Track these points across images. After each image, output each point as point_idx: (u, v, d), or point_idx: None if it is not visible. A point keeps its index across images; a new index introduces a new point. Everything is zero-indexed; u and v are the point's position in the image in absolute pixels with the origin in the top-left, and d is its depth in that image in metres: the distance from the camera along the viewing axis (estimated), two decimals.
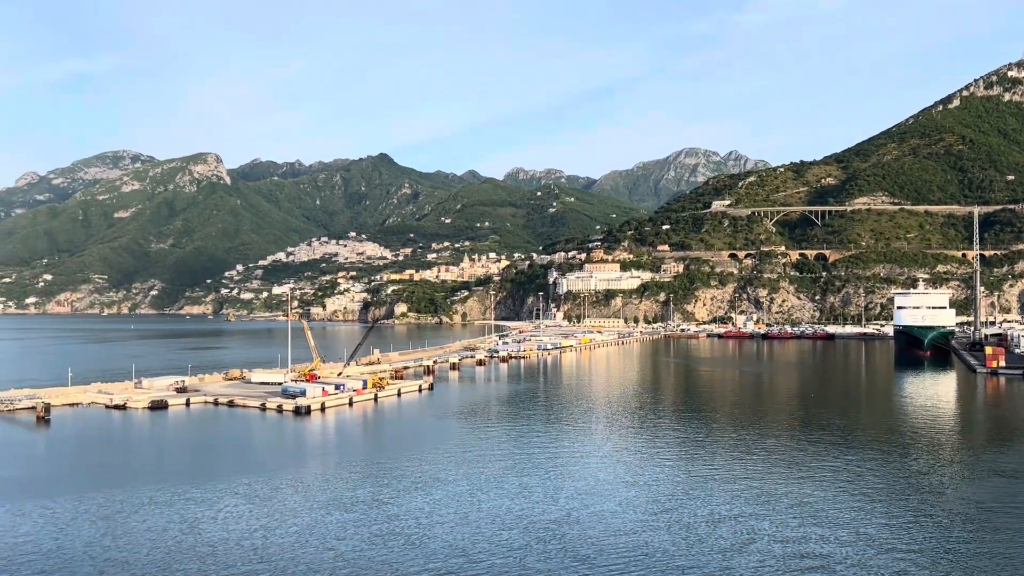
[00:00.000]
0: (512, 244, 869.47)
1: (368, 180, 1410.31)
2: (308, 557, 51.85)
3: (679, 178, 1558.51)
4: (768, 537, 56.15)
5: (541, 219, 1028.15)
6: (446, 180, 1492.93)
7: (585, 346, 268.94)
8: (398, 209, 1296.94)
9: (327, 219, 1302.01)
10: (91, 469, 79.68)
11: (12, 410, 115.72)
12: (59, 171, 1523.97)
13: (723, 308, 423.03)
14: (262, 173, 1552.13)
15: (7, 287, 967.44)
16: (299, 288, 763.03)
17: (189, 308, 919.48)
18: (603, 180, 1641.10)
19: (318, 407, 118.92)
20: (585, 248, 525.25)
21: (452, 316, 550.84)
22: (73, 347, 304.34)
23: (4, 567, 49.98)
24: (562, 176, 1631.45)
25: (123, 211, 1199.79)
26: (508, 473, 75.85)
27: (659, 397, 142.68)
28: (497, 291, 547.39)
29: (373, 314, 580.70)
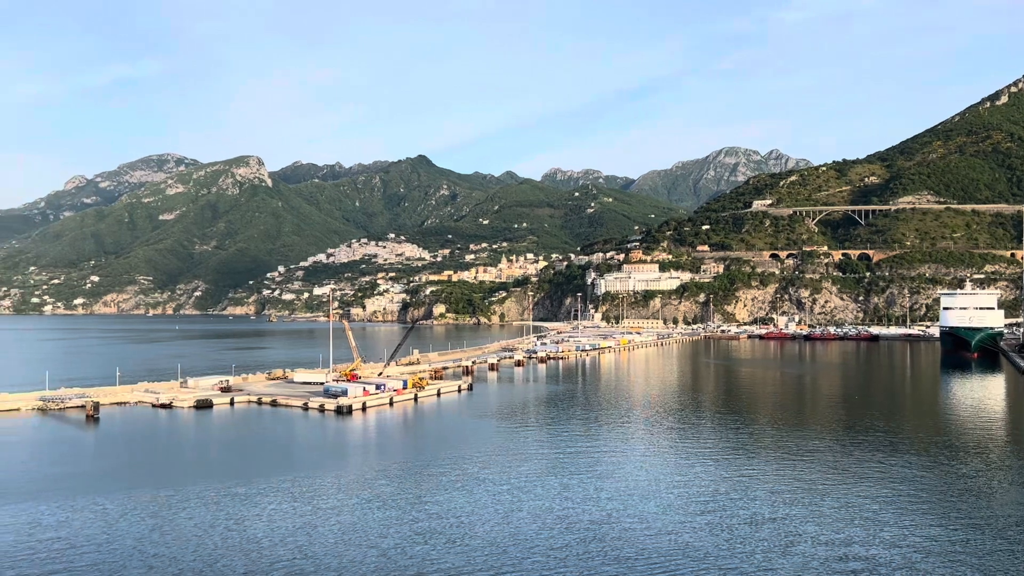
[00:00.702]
0: (550, 245, 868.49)
1: (407, 182, 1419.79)
2: (352, 554, 52.53)
3: (719, 178, 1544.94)
4: (811, 539, 55.60)
5: (579, 220, 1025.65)
6: (484, 181, 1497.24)
7: (624, 347, 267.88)
8: (436, 210, 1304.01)
9: (366, 220, 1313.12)
10: (139, 467, 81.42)
11: (63, 408, 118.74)
12: (106, 174, 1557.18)
13: (764, 309, 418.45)
14: (303, 175, 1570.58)
15: (56, 288, 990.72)
16: (339, 289, 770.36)
17: (232, 309, 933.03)
18: (641, 180, 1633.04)
19: (359, 407, 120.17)
20: (623, 248, 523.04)
21: (490, 317, 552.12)
22: (120, 347, 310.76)
23: (58, 561, 51.37)
24: (600, 176, 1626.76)
25: (168, 213, 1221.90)
26: (548, 473, 76.02)
27: (699, 398, 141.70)
28: (535, 292, 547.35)
29: (412, 315, 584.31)
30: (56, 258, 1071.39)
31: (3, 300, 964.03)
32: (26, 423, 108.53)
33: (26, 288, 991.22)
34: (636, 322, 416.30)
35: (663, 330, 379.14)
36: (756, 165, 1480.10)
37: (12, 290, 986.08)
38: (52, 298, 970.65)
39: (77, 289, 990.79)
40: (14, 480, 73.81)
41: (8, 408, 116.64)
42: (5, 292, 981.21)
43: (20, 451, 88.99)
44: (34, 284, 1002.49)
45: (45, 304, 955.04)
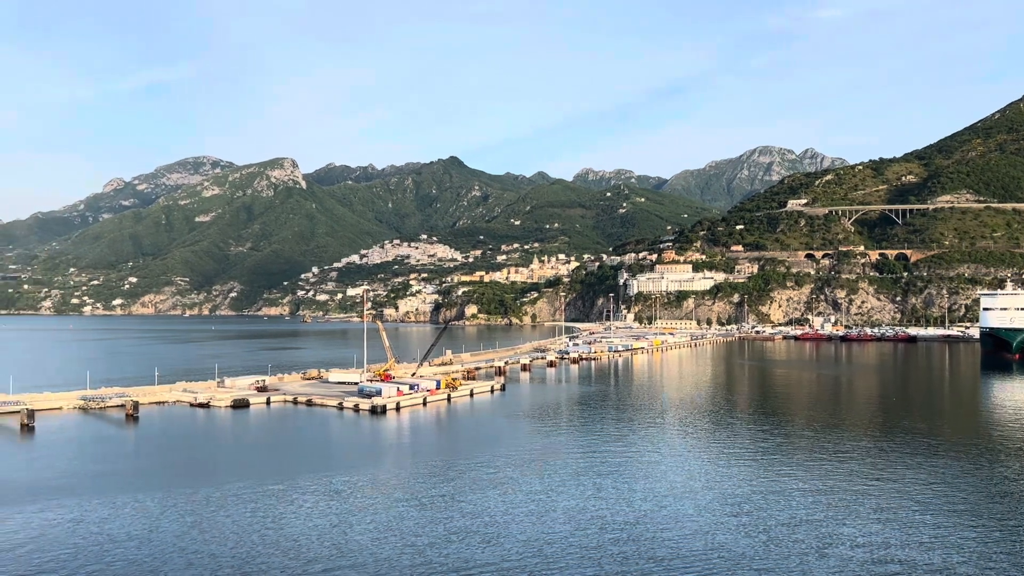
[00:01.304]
0: (581, 245, 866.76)
1: (439, 183, 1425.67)
2: (387, 552, 52.98)
3: (753, 177, 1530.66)
4: (848, 542, 55.06)
5: (611, 220, 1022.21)
6: (515, 182, 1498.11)
7: (657, 348, 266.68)
8: (468, 211, 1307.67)
9: (399, 222, 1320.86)
10: (178, 465, 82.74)
11: (103, 407, 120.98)
12: (143, 177, 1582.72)
13: (799, 309, 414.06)
14: (336, 177, 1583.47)
15: (95, 289, 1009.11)
16: (372, 290, 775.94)
17: (267, 309, 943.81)
18: (674, 180, 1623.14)
19: (393, 406, 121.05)
20: (656, 249, 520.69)
21: (522, 317, 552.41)
22: (158, 347, 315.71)
23: (101, 556, 52.43)
24: (632, 176, 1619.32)
25: (204, 215, 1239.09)
26: (582, 474, 76.04)
27: (734, 400, 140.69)
28: (566, 292, 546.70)
29: (444, 315, 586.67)
30: (95, 259, 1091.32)
31: (44, 301, 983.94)
32: (68, 421, 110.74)
33: (66, 289, 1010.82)
34: (669, 323, 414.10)
35: (697, 331, 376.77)
36: (791, 164, 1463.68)
37: (53, 291, 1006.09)
38: (91, 299, 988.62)
39: (116, 290, 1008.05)
40: (59, 477, 75.42)
41: (51, 407, 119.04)
42: (46, 293, 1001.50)
43: (63, 449, 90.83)
44: (74, 285, 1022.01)
45: (85, 305, 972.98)
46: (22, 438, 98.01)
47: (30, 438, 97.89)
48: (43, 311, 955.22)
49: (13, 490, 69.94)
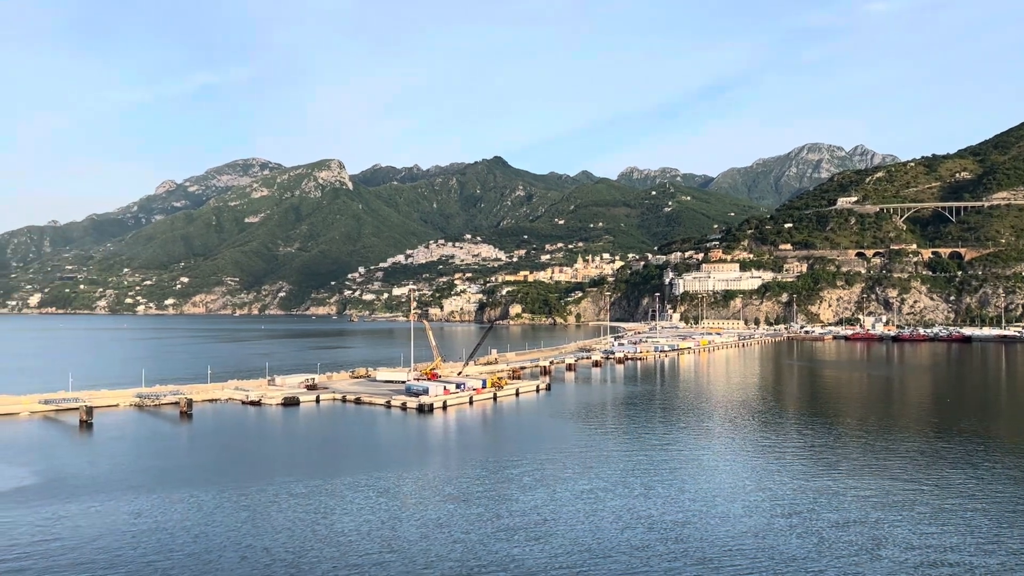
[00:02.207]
0: (626, 244, 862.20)
1: (483, 183, 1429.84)
2: (437, 549, 53.61)
3: (801, 175, 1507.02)
4: (902, 544, 54.27)
5: (656, 219, 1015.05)
6: (559, 181, 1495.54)
7: (704, 348, 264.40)
8: (512, 211, 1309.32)
9: (443, 222, 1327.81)
10: (231, 462, 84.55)
11: (158, 405, 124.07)
12: (194, 179, 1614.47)
13: (850, 309, 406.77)
14: (382, 178, 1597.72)
15: (148, 289, 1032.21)
16: (417, 289, 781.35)
17: (315, 309, 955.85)
18: (720, 178, 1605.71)
19: (440, 405, 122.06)
20: (702, 248, 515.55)
21: (566, 317, 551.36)
22: (209, 346, 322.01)
23: (159, 549, 53.91)
24: (677, 175, 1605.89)
25: (253, 216, 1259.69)
26: (629, 474, 75.98)
27: (782, 400, 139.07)
28: (611, 292, 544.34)
29: (488, 315, 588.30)
30: (148, 260, 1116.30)
31: (99, 300, 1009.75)
32: (125, 418, 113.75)
33: (120, 289, 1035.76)
34: (716, 323, 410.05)
35: (744, 331, 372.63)
36: (840, 161, 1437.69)
37: (107, 291, 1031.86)
38: (144, 299, 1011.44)
39: (168, 290, 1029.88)
40: (117, 473, 77.63)
41: (108, 404, 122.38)
42: (101, 293, 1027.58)
43: (121, 446, 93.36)
44: (128, 285, 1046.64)
45: (138, 304, 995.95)
46: (81, 434, 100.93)
47: (89, 434, 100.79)
48: (98, 310, 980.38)
49: (75, 484, 72.21)
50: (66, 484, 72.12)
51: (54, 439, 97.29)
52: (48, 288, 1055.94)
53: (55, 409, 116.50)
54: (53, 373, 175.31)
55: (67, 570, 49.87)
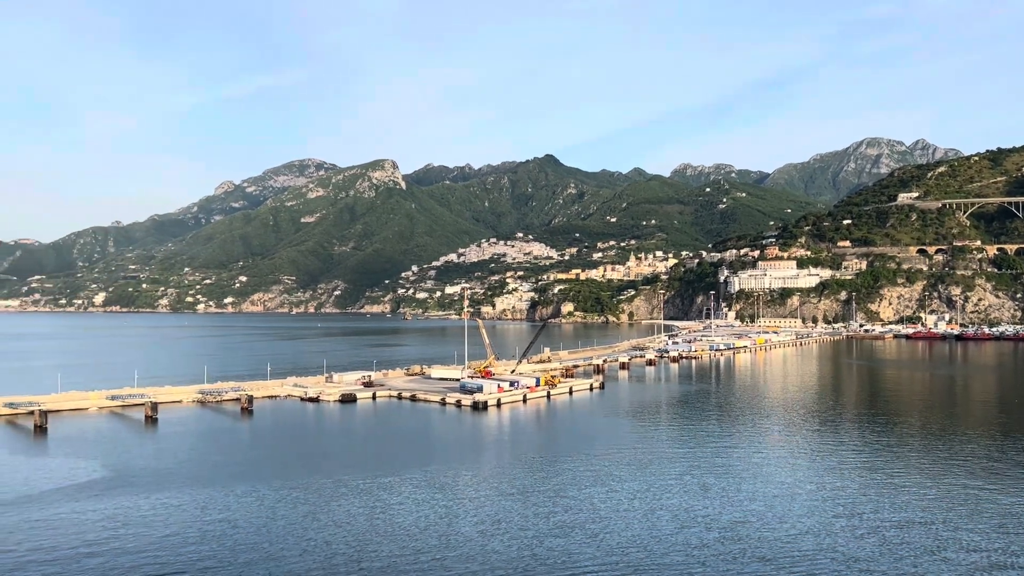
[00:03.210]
0: (679, 242, 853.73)
1: (534, 181, 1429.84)
2: (494, 545, 54.03)
3: (860, 170, 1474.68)
4: (965, 546, 53.07)
5: (710, 216, 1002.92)
6: (611, 179, 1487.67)
7: (760, 347, 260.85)
8: (564, 209, 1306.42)
9: (495, 220, 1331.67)
10: (291, 457, 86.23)
11: (220, 401, 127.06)
12: (252, 180, 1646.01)
13: (911, 307, 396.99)
14: (434, 177, 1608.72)
15: (208, 288, 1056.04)
16: (469, 288, 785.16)
17: (369, 307, 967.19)
18: (776, 174, 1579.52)
19: (494, 403, 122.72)
20: (758, 245, 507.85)
21: (618, 315, 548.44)
22: (268, 344, 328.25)
23: (224, 541, 55.34)
24: (732, 171, 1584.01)
25: (309, 216, 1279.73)
26: (685, 473, 75.55)
27: (841, 400, 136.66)
28: (665, 290, 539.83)
29: (540, 313, 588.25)
30: (208, 259, 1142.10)
31: (161, 299, 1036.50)
32: (188, 414, 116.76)
33: (181, 288, 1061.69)
34: (772, 321, 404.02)
35: (802, 329, 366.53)
36: (900, 156, 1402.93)
37: (169, 290, 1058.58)
38: (205, 297, 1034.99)
39: (227, 288, 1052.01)
40: (182, 467, 79.83)
41: (172, 400, 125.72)
42: (163, 291, 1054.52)
43: (184, 441, 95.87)
44: (188, 284, 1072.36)
45: (198, 303, 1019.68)
46: (147, 429, 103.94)
47: (154, 429, 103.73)
48: (160, 309, 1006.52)
49: (142, 478, 74.50)
50: (134, 477, 74.43)
51: (121, 434, 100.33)
52: (112, 287, 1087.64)
53: (122, 405, 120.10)
54: (119, 370, 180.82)
55: (137, 559, 51.52)
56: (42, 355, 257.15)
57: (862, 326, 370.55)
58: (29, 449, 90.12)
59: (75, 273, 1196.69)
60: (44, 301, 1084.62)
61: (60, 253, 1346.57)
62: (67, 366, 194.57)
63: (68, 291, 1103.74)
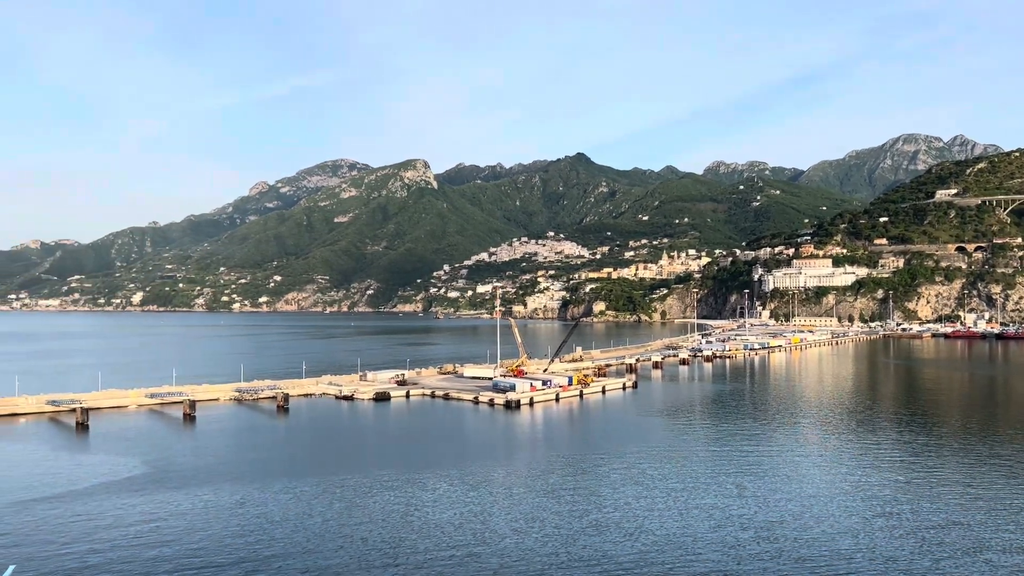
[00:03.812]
0: (712, 240, 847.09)
1: (566, 180, 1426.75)
2: (529, 543, 54.21)
3: (896, 166, 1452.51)
4: (1005, 547, 52.19)
5: (743, 213, 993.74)
6: (643, 177, 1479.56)
7: (795, 346, 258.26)
8: (595, 208, 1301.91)
9: (526, 219, 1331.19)
10: (327, 454, 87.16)
11: (256, 399, 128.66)
12: (285, 180, 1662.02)
13: (949, 306, 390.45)
14: (466, 177, 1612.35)
15: (243, 287, 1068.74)
16: (501, 287, 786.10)
17: (401, 306, 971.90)
18: (811, 171, 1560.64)
19: (527, 401, 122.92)
20: (793, 243, 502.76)
21: (651, 314, 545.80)
22: (303, 342, 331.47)
23: (261, 536, 56.08)
24: (766, 168, 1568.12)
25: (342, 216, 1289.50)
26: (720, 472, 75.15)
27: (878, 400, 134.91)
28: (698, 288, 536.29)
29: (572, 312, 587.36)
30: (243, 259, 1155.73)
31: (198, 298, 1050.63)
32: (225, 412, 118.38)
33: (217, 287, 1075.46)
34: (807, 320, 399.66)
35: (838, 328, 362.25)
36: (938, 152, 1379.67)
37: (205, 289, 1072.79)
38: (240, 296, 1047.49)
39: (262, 288, 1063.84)
40: (220, 464, 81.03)
41: (210, 398, 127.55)
42: (199, 291, 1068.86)
43: (222, 438, 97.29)
44: (224, 284, 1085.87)
45: (234, 302, 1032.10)
46: (185, 426, 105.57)
47: (192, 427, 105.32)
48: (196, 308, 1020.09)
49: (181, 474, 75.76)
50: (173, 474, 75.71)
51: (160, 431, 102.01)
52: (150, 287, 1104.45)
53: (160, 402, 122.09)
54: (158, 368, 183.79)
55: (177, 553, 52.43)
56: (82, 354, 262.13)
57: (899, 325, 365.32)
58: (72, 446, 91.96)
59: (113, 273, 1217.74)
60: (83, 300, 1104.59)
61: (99, 253, 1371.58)
62: (107, 364, 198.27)
63: (107, 291, 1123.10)
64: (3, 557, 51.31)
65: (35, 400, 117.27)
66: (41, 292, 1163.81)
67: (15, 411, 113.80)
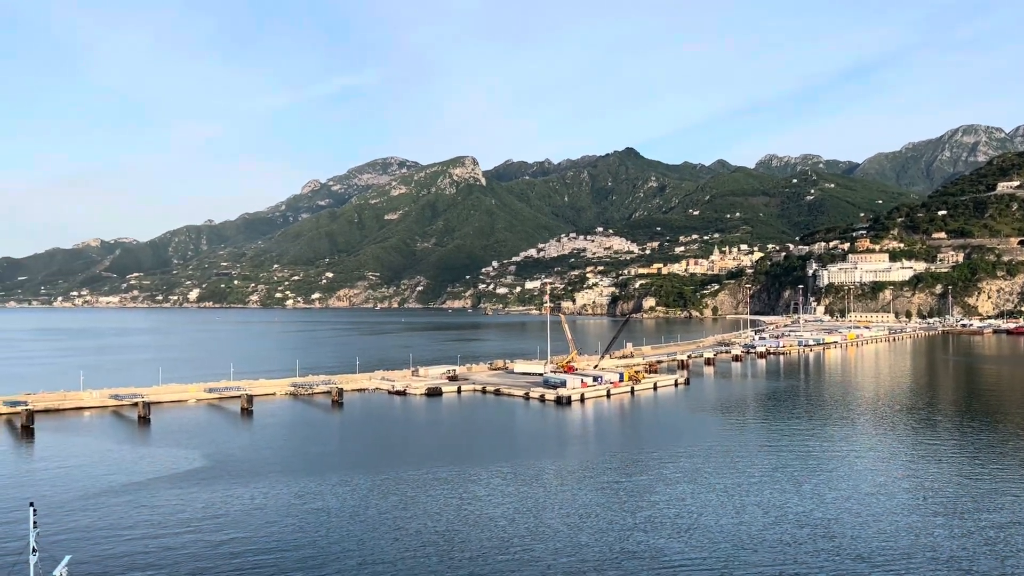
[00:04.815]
0: (765, 235, 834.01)
1: (614, 175, 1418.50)
2: (583, 538, 54.33)
3: (955, 158, 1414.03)
4: None
5: (797, 208, 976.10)
6: (693, 171, 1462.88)
7: (851, 342, 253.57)
8: (644, 203, 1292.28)
9: (575, 215, 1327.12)
10: (381, 448, 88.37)
11: (311, 394, 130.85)
12: (337, 178, 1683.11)
13: (1012, 301, 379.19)
14: (514, 173, 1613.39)
15: (296, 284, 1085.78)
16: (549, 283, 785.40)
17: (451, 302, 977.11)
18: (866, 164, 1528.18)
19: (578, 397, 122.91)
20: (848, 237, 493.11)
21: (702, 310, 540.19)
22: (355, 338, 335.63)
23: (319, 527, 57.15)
24: (820, 161, 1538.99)
25: (392, 213, 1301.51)
26: (776, 470, 74.35)
27: (937, 397, 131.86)
28: (750, 284, 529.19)
29: (621, 308, 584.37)
30: (296, 256, 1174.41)
31: (252, 295, 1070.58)
32: (281, 406, 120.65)
33: (271, 284, 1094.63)
34: (863, 316, 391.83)
35: (895, 324, 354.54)
36: (1000, 143, 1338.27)
37: (259, 286, 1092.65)
38: (293, 293, 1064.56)
39: (314, 285, 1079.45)
40: (278, 457, 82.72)
41: (266, 393, 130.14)
42: (253, 288, 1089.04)
43: (279, 432, 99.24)
44: (277, 281, 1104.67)
45: (287, 299, 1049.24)
46: (243, 420, 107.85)
47: (249, 421, 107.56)
48: (251, 305, 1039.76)
49: (240, 467, 77.50)
50: (232, 466, 77.48)
51: (219, 425, 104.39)
52: (206, 284, 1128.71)
53: (219, 397, 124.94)
54: (215, 363, 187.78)
55: (237, 544, 53.72)
56: (143, 349, 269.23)
57: (959, 321, 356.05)
58: (134, 439, 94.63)
59: (171, 270, 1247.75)
60: (142, 297, 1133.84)
61: (157, 251, 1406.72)
62: (167, 360, 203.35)
63: (164, 287, 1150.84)
64: (69, 546, 53.18)
65: (99, 394, 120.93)
66: (102, 289, 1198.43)
67: (80, 405, 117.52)
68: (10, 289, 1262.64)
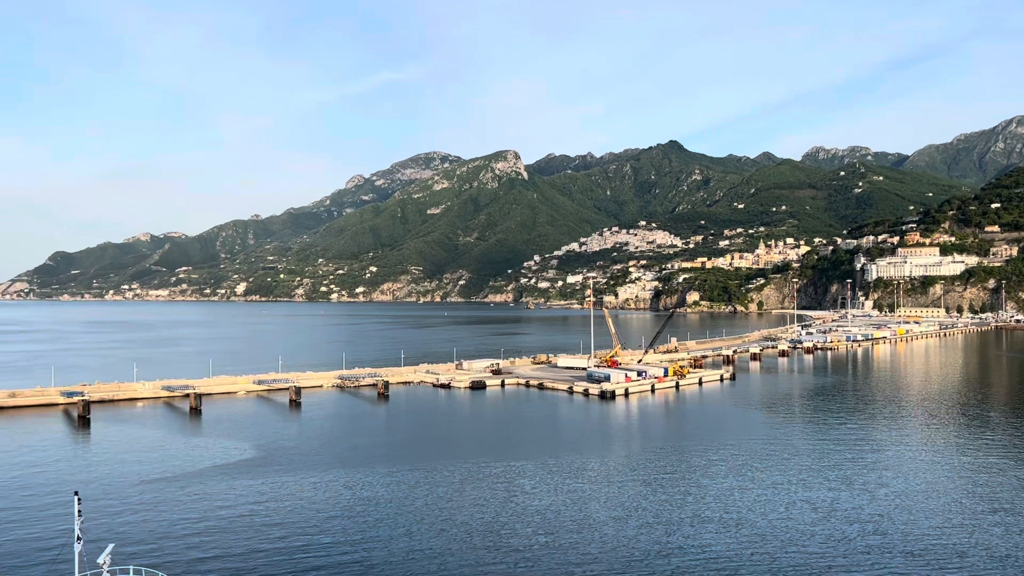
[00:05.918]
0: (812, 228, 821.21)
1: (657, 168, 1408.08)
2: (629, 532, 54.37)
3: (1009, 150, 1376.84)
4: None
5: (844, 200, 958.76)
6: (738, 164, 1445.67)
7: (901, 337, 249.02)
8: (688, 196, 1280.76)
9: (617, 209, 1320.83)
10: (427, 440, 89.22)
11: (357, 386, 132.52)
12: (380, 173, 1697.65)
13: None
14: (556, 167, 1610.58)
15: (340, 278, 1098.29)
16: (591, 277, 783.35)
17: (492, 296, 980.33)
18: (916, 156, 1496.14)
19: (622, 392, 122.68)
20: (897, 231, 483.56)
21: (747, 305, 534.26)
22: (399, 331, 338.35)
23: (366, 517, 58.02)
24: (868, 153, 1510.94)
25: (434, 208, 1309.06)
26: (824, 466, 73.61)
27: (990, 394, 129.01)
28: (797, 278, 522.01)
29: (664, 302, 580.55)
30: (340, 251, 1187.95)
31: (297, 289, 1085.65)
32: (328, 398, 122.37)
33: (316, 278, 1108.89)
34: (913, 311, 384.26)
35: (946, 319, 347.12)
36: None
37: (305, 280, 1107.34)
38: (337, 287, 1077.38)
39: (358, 279, 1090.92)
40: (326, 448, 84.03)
41: (313, 385, 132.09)
42: (299, 281, 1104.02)
43: (327, 423, 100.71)
44: (322, 274, 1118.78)
45: (332, 292, 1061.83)
46: (291, 412, 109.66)
47: (298, 412, 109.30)
48: (297, 298, 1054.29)
49: (290, 457, 78.95)
50: (281, 457, 78.95)
51: (268, 416, 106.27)
52: (252, 277, 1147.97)
53: (267, 389, 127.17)
54: (264, 356, 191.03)
55: (288, 532, 54.78)
56: (193, 341, 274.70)
57: (1013, 316, 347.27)
58: (186, 429, 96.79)
59: (218, 264, 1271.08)
60: (191, 291, 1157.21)
61: (204, 246, 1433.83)
62: (216, 352, 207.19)
63: (212, 281, 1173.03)
64: (126, 533, 54.74)
65: (151, 386, 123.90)
66: (151, 283, 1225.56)
67: (133, 396, 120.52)
68: (63, 282, 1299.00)
